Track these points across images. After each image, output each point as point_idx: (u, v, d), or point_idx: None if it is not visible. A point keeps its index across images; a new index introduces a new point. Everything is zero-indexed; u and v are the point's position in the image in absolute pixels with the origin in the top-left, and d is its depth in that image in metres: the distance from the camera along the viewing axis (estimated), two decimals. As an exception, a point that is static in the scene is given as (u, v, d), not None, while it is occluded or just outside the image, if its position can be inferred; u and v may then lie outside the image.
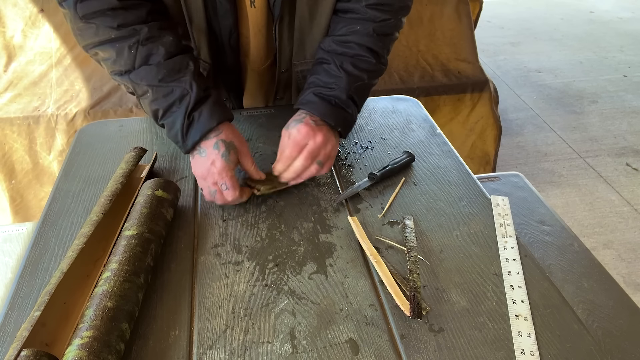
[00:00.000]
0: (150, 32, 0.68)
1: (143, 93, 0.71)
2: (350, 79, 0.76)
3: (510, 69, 3.33)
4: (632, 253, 1.87)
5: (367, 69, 0.78)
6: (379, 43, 0.79)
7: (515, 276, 0.62)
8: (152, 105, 0.70)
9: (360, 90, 0.79)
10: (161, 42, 0.69)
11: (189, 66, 0.70)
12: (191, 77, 0.69)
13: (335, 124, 0.75)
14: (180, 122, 0.69)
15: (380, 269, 0.62)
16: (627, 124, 2.70)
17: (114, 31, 0.67)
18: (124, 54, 0.68)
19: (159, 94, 0.69)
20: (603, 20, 4.17)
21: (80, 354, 0.47)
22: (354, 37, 0.77)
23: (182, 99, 0.69)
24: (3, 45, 1.69)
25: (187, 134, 0.70)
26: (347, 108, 0.76)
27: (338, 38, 0.78)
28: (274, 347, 0.53)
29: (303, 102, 0.76)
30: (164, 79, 0.69)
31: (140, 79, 0.69)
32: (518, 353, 0.53)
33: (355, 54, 0.77)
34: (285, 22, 0.80)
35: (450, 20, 1.94)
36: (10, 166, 1.68)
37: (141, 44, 0.68)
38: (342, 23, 0.79)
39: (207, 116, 0.69)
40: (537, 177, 2.30)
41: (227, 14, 0.77)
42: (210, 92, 0.71)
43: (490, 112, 1.96)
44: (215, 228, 0.70)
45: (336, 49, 0.78)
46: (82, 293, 0.57)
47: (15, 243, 0.81)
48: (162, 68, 0.68)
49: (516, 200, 0.89)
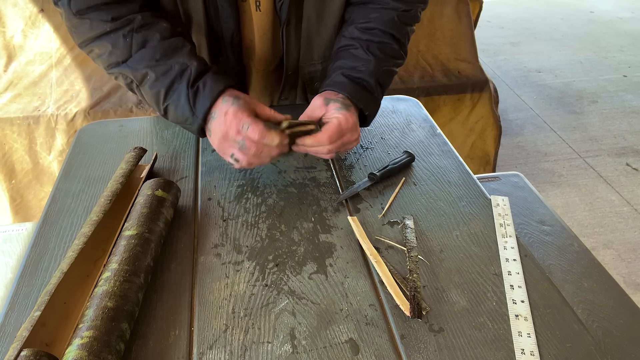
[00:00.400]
0: (144, 20, 0.68)
1: (142, 78, 0.68)
2: (378, 63, 0.76)
3: (510, 69, 3.33)
4: (632, 253, 1.88)
5: (392, 55, 0.78)
6: (402, 31, 0.79)
7: (515, 276, 0.62)
8: (153, 88, 0.68)
9: (387, 75, 0.78)
10: (155, 28, 0.68)
11: (185, 45, 0.69)
12: (189, 53, 0.68)
13: (364, 107, 0.74)
14: (185, 95, 0.67)
15: (380, 269, 0.62)
16: (627, 124, 2.70)
17: (108, 24, 0.67)
18: (119, 43, 0.67)
19: (158, 72, 0.67)
20: (603, 20, 4.17)
21: (80, 354, 0.47)
22: (377, 24, 0.77)
23: (183, 74, 0.67)
24: (3, 45, 1.69)
25: (195, 104, 0.67)
26: (374, 92, 0.76)
27: (362, 25, 0.78)
28: (274, 347, 0.54)
29: (331, 83, 0.74)
30: (161, 58, 0.67)
31: (137, 62, 0.68)
32: (518, 353, 0.53)
33: (380, 40, 0.77)
34: (292, 25, 0.80)
35: (450, 20, 1.94)
36: (10, 166, 1.68)
37: (135, 32, 0.67)
38: (364, 11, 0.79)
39: (212, 82, 0.67)
40: (537, 177, 2.30)
41: (229, 17, 0.76)
42: (210, 66, 0.70)
43: (490, 112, 1.96)
44: (215, 228, 0.70)
45: (360, 36, 0.78)
46: (82, 293, 0.57)
47: (15, 243, 0.81)
48: (159, 48, 0.67)
49: (516, 200, 0.89)
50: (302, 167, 0.82)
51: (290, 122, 0.67)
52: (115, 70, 0.70)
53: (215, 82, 0.67)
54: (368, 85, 0.74)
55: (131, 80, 0.70)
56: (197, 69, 0.67)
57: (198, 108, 0.67)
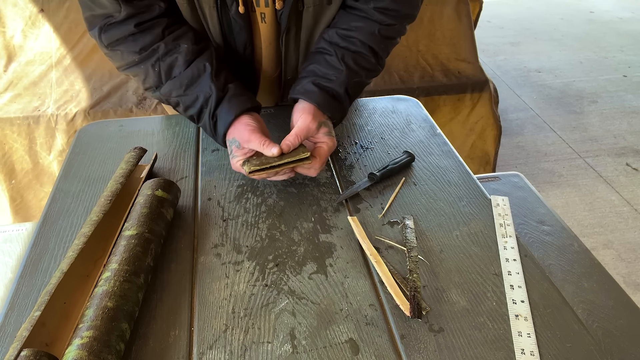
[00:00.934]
0: (167, 47, 0.75)
1: (176, 104, 0.78)
2: (350, 74, 0.78)
3: (510, 69, 3.33)
4: (632, 253, 1.88)
5: (366, 67, 0.80)
6: (381, 45, 0.81)
7: (515, 276, 0.62)
8: (187, 113, 0.78)
9: (357, 86, 0.81)
10: (178, 52, 0.75)
11: (206, 69, 0.76)
12: (210, 79, 0.75)
13: (331, 115, 0.77)
14: (208, 123, 0.76)
15: (380, 269, 0.62)
16: (627, 124, 2.70)
17: (137, 55, 0.75)
18: (149, 73, 0.76)
19: (187, 102, 0.77)
20: (603, 20, 4.17)
21: (80, 354, 0.47)
22: (357, 34, 0.79)
23: (207, 102, 0.75)
24: (3, 45, 1.69)
25: (215, 132, 0.76)
26: (343, 102, 0.79)
27: (342, 32, 0.80)
28: (274, 347, 0.54)
29: (301, 91, 0.78)
30: (187, 88, 0.76)
31: (169, 93, 0.77)
32: (518, 353, 0.53)
33: (357, 50, 0.79)
34: (292, 34, 0.82)
35: (450, 20, 1.94)
36: (10, 166, 1.68)
37: (161, 60, 0.75)
38: (347, 17, 0.80)
39: (225, 112, 0.74)
40: (537, 177, 2.30)
41: (242, 30, 0.79)
42: (228, 88, 0.76)
43: (490, 112, 1.96)
44: (215, 228, 0.70)
45: (339, 41, 0.79)
46: (82, 293, 0.57)
47: (15, 243, 0.81)
48: (184, 78, 0.75)
49: (516, 200, 0.89)
50: (302, 167, 0.82)
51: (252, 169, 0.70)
52: (151, 95, 0.80)
53: (228, 112, 0.74)
54: (337, 94, 0.78)
55: (167, 102, 0.80)
56: (216, 98, 0.75)
57: (217, 136, 0.77)
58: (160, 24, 0.74)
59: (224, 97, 0.75)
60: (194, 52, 0.76)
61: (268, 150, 0.69)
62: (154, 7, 0.73)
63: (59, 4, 1.71)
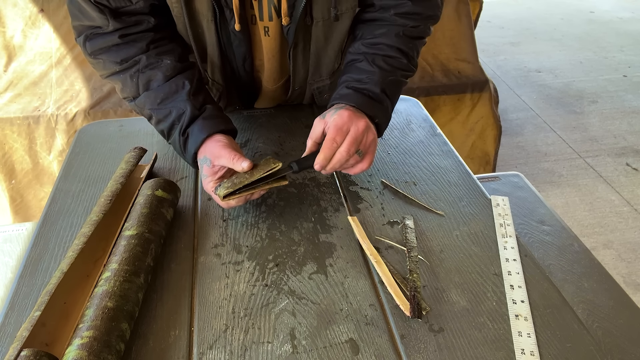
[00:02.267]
0: (148, 60, 0.74)
1: (149, 117, 0.77)
2: (383, 73, 0.75)
3: (510, 69, 3.33)
4: (632, 253, 1.87)
5: (398, 67, 0.78)
6: (409, 44, 0.79)
7: (515, 276, 0.62)
8: (158, 127, 0.76)
9: (393, 85, 0.77)
10: (159, 67, 0.74)
11: (185, 86, 0.74)
12: (186, 97, 0.73)
13: (373, 114, 0.72)
14: (178, 139, 0.73)
15: (380, 269, 0.62)
16: (627, 124, 2.70)
17: (117, 65, 0.74)
18: (127, 83, 0.74)
19: (160, 115, 0.74)
20: (603, 20, 4.17)
21: (80, 354, 0.47)
22: (383, 39, 0.77)
23: (180, 118, 0.73)
24: (3, 45, 1.69)
25: (185, 149, 0.74)
26: (382, 102, 0.75)
27: (367, 41, 0.78)
28: (274, 347, 0.53)
29: (337, 97, 0.74)
30: (162, 102, 0.74)
31: (143, 104, 0.75)
32: (518, 353, 0.53)
33: (386, 54, 0.77)
34: (299, 48, 0.81)
35: (450, 20, 1.94)
36: (10, 166, 1.68)
37: (141, 72, 0.74)
38: (370, 28, 0.79)
39: (198, 130, 0.72)
40: (537, 177, 2.29)
41: (241, 43, 0.78)
42: (205, 109, 0.74)
43: (490, 112, 1.96)
44: (215, 228, 0.70)
45: (366, 50, 0.78)
46: (82, 293, 0.57)
47: (15, 243, 0.81)
48: (161, 92, 0.74)
49: (516, 200, 0.89)
50: (302, 167, 0.82)
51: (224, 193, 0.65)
52: (128, 104, 0.78)
53: (200, 131, 0.72)
54: (374, 94, 0.74)
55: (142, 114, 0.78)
56: (189, 116, 0.72)
57: (187, 155, 0.74)
58: (146, 37, 0.74)
59: (199, 116, 0.73)
60: (175, 68, 0.74)
61: (238, 165, 0.65)
62: (143, 22, 0.73)
63: (59, 4, 1.71)
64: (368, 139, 0.69)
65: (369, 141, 0.69)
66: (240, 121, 0.94)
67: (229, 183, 0.66)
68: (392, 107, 0.78)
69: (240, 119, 0.95)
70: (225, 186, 0.65)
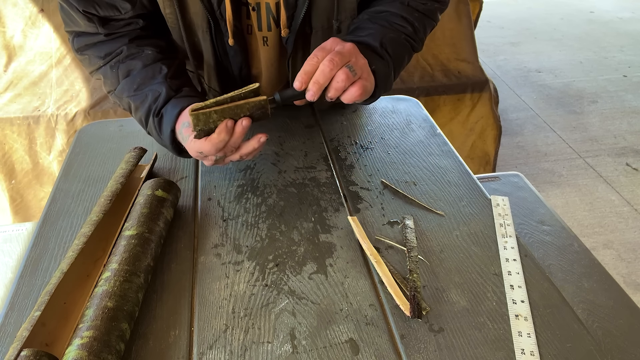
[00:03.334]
0: (129, 50, 0.73)
1: (128, 107, 0.74)
2: (383, 30, 0.71)
3: (510, 69, 3.33)
4: (632, 253, 1.87)
5: (402, 31, 0.74)
6: (415, 14, 0.75)
7: (515, 276, 0.62)
8: (137, 115, 0.73)
9: (395, 43, 0.71)
10: (139, 57, 0.73)
11: (162, 70, 0.72)
12: (162, 80, 0.71)
13: (369, 60, 0.65)
14: (153, 122, 0.70)
15: (380, 269, 0.62)
16: (627, 124, 2.70)
17: (101, 60, 0.74)
18: (108, 74, 0.74)
19: (137, 101, 0.71)
20: (603, 20, 4.17)
21: (80, 354, 0.47)
22: (388, 7, 0.74)
23: (155, 101, 0.70)
24: (3, 45, 1.69)
25: (160, 131, 0.70)
26: (382, 56, 0.69)
27: (371, 10, 0.76)
28: (274, 347, 0.54)
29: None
30: (139, 87, 0.71)
31: (121, 92, 0.73)
32: (518, 353, 0.53)
33: (389, 19, 0.74)
34: (299, 57, 0.80)
35: (450, 20, 1.94)
36: (10, 166, 1.68)
37: (121, 62, 0.73)
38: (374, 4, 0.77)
39: (172, 107, 0.69)
40: (537, 177, 2.29)
41: (237, 53, 0.78)
42: (182, 90, 0.72)
43: (490, 112, 1.96)
44: (215, 228, 0.70)
45: (370, 17, 0.75)
46: (82, 293, 0.57)
47: (15, 243, 0.81)
48: (137, 77, 0.72)
49: (516, 200, 0.89)
50: (302, 167, 0.82)
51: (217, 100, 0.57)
52: (112, 98, 0.76)
53: (174, 106, 0.68)
54: (372, 46, 0.68)
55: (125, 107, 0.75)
56: (165, 97, 0.69)
57: (163, 135, 0.70)
58: (131, 34, 0.74)
59: (175, 96, 0.70)
60: (155, 59, 0.73)
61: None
62: (131, 24, 0.73)
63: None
64: (359, 61, 0.62)
65: (360, 62, 0.62)
66: (240, 121, 0.94)
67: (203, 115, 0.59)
68: (393, 67, 0.71)
69: (240, 119, 0.95)
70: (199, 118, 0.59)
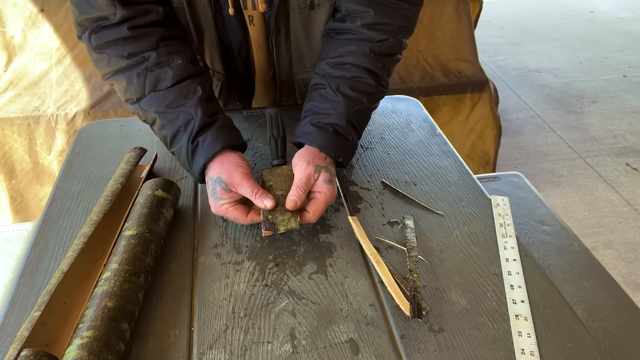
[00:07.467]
0: (159, 58, 0.69)
1: (152, 121, 0.71)
2: (349, 103, 0.72)
3: (510, 69, 3.33)
4: (632, 253, 1.87)
5: (366, 91, 0.74)
6: (377, 64, 0.74)
7: (515, 276, 0.62)
8: (161, 132, 0.71)
9: (360, 114, 0.74)
10: (169, 66, 0.69)
11: (197, 91, 0.70)
12: (197, 102, 0.69)
13: (335, 155, 0.70)
14: (185, 148, 0.68)
15: (380, 269, 0.62)
16: (627, 124, 2.70)
17: (124, 60, 0.68)
18: (133, 81, 0.69)
19: (165, 119, 0.69)
20: (603, 20, 4.17)
21: (80, 354, 0.47)
22: (349, 58, 0.73)
23: (187, 124, 0.68)
24: (3, 45, 1.69)
25: (192, 159, 0.68)
26: (347, 135, 0.72)
27: (333, 60, 0.75)
28: (274, 347, 0.53)
29: (300, 133, 0.73)
30: (170, 104, 0.69)
31: (149, 106, 0.70)
32: (518, 353, 0.53)
33: (352, 76, 0.73)
34: (281, 36, 0.82)
35: (450, 20, 1.94)
36: (10, 166, 1.68)
37: (149, 70, 0.69)
38: (336, 44, 0.75)
39: (211, 141, 0.68)
40: (537, 177, 2.29)
41: (236, 29, 0.80)
42: (216, 118, 0.70)
43: (490, 112, 1.96)
44: (215, 228, 0.70)
45: (331, 72, 0.74)
46: (82, 293, 0.57)
47: (15, 243, 0.81)
48: (170, 94, 0.69)
49: (516, 200, 0.89)
50: (302, 167, 0.82)
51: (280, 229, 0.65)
52: (131, 108, 0.72)
53: (214, 142, 0.67)
54: (340, 128, 0.71)
55: (144, 119, 0.73)
56: (200, 122, 0.68)
57: (194, 165, 0.69)
58: (156, 33, 0.70)
59: (212, 125, 0.69)
60: (187, 69, 0.70)
61: (260, 202, 0.64)
62: (152, 12, 0.70)
63: (59, 4, 1.71)
64: (316, 187, 0.67)
65: (318, 187, 0.67)
66: (240, 121, 0.94)
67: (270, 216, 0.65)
68: (359, 136, 0.76)
69: (240, 119, 0.95)
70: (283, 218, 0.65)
